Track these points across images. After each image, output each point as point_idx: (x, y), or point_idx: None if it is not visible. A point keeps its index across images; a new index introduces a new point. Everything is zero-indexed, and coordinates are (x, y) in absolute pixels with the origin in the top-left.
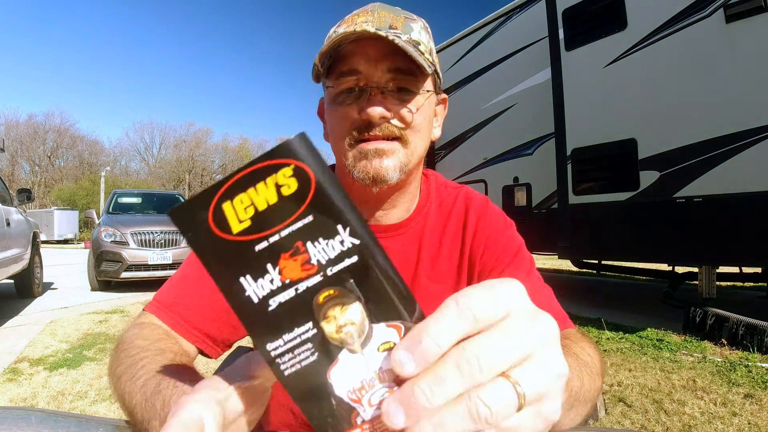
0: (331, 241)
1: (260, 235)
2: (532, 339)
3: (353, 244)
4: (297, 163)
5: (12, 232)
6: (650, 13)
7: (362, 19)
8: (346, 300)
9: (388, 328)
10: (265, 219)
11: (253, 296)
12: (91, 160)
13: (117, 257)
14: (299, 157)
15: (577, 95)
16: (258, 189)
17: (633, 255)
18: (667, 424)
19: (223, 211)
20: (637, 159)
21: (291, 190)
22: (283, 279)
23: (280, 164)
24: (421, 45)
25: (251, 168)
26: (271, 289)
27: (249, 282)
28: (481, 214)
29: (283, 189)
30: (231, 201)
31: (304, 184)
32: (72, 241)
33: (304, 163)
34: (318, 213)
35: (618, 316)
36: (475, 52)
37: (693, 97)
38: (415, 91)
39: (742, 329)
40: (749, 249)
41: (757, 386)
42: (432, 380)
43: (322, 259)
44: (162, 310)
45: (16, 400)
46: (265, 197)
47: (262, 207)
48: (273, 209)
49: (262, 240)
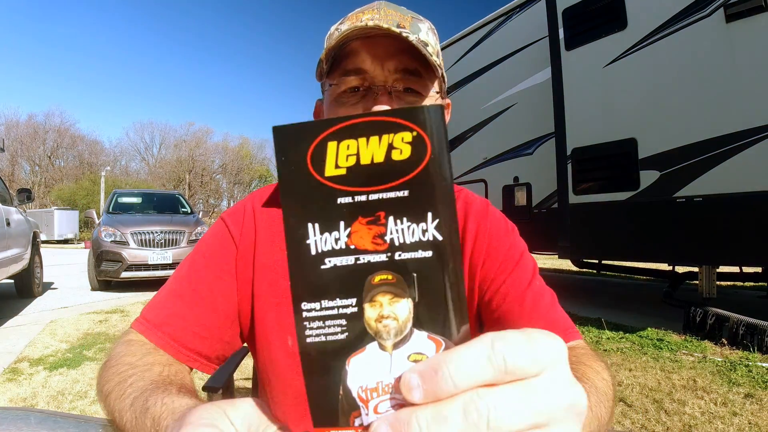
0: (414, 226)
1: (349, 188)
2: (556, 409)
3: (434, 237)
4: (421, 131)
5: (12, 232)
6: (650, 12)
7: (368, 16)
8: (400, 292)
9: (428, 340)
10: (362, 175)
11: (312, 247)
12: (91, 160)
13: (117, 257)
14: (426, 126)
15: (577, 95)
16: (370, 142)
17: (633, 255)
18: (667, 424)
19: (326, 148)
20: (637, 158)
21: (402, 156)
22: (349, 243)
23: (404, 125)
24: (429, 46)
25: (373, 118)
26: (333, 247)
27: (315, 231)
28: (481, 221)
29: (394, 153)
30: (338, 142)
31: (417, 155)
32: (72, 241)
33: (427, 134)
34: (416, 191)
35: (618, 316)
36: (475, 51)
37: (693, 97)
38: (424, 93)
39: (742, 329)
40: (749, 249)
41: (757, 386)
42: (433, 416)
43: (396, 240)
44: (150, 330)
45: (16, 399)
46: (372, 152)
47: (365, 161)
48: (374, 168)
49: (347, 194)
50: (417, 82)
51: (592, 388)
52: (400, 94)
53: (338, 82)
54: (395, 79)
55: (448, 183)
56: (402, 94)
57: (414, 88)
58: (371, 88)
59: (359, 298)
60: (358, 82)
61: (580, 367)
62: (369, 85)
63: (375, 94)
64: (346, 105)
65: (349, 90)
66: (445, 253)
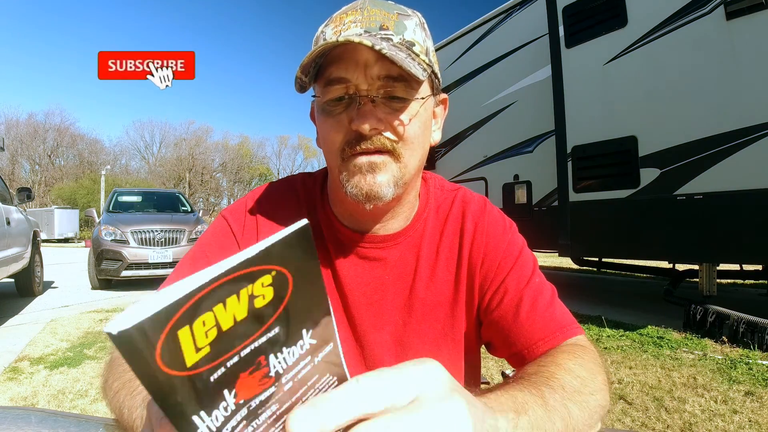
0: (293, 348)
1: (218, 362)
2: (430, 429)
3: (310, 345)
4: (279, 268)
5: (12, 231)
6: (651, 10)
7: (350, 18)
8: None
9: None
10: (228, 340)
11: (206, 431)
12: (92, 159)
13: (117, 256)
14: (284, 261)
15: (577, 93)
16: (228, 304)
17: (633, 253)
18: (667, 422)
19: (177, 340)
20: (637, 156)
21: (265, 301)
22: (237, 401)
23: (262, 270)
24: (415, 46)
25: (228, 277)
26: (225, 416)
27: (203, 418)
28: (478, 219)
29: (257, 301)
30: (190, 326)
31: (280, 292)
32: (72, 240)
33: (286, 268)
34: (286, 322)
35: (618, 314)
36: (475, 49)
37: (693, 95)
38: (409, 98)
39: (742, 327)
40: (750, 246)
41: (757, 384)
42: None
43: (281, 369)
44: None
45: (17, 398)
46: (233, 314)
47: (227, 326)
48: (239, 326)
49: (219, 367)
50: (402, 89)
51: (557, 388)
52: (385, 100)
53: (322, 92)
54: (378, 86)
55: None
56: (386, 101)
57: (399, 95)
58: (354, 97)
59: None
60: (342, 92)
61: (549, 368)
62: (352, 93)
63: (358, 104)
64: (332, 115)
65: (334, 99)
66: (319, 349)
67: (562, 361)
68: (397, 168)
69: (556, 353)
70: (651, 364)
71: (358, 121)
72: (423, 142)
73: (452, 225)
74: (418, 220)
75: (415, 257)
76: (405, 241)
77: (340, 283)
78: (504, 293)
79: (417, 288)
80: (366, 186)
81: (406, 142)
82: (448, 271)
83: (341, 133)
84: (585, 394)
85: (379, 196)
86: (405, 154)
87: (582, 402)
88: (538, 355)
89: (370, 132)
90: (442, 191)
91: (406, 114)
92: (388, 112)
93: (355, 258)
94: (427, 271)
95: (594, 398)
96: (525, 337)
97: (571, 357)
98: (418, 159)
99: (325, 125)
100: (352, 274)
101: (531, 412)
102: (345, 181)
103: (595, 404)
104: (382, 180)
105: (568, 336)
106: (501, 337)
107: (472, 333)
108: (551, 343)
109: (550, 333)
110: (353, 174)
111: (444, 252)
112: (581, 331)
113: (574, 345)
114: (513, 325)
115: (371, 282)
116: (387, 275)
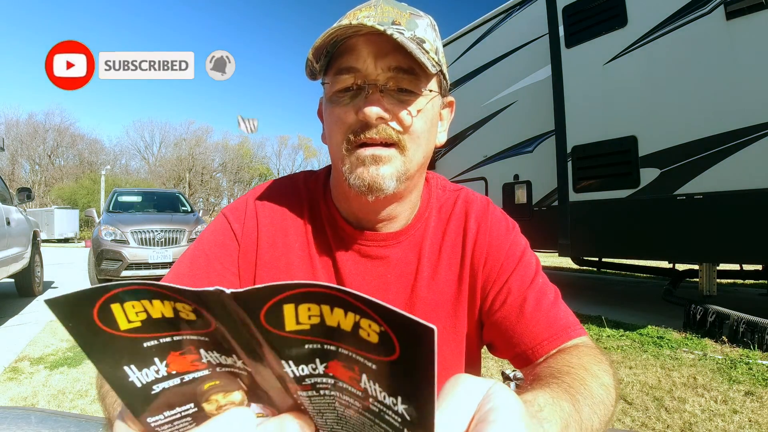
0: (226, 357)
1: (150, 336)
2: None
3: (247, 371)
4: (199, 309)
5: (12, 231)
6: (651, 9)
7: (364, 14)
8: (230, 388)
9: (264, 409)
10: (159, 325)
11: (136, 381)
12: (92, 159)
13: (117, 256)
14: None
15: (577, 92)
16: (154, 304)
17: (633, 252)
18: (667, 422)
19: (110, 310)
20: (637, 156)
21: (190, 317)
22: (169, 371)
23: (182, 300)
24: (426, 43)
25: (152, 288)
26: (156, 377)
27: (133, 370)
28: (481, 220)
29: (182, 314)
30: (121, 304)
31: (203, 321)
32: (72, 240)
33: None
34: (214, 339)
35: (618, 314)
36: (475, 49)
37: (694, 94)
38: (417, 91)
39: (742, 326)
40: (750, 246)
41: (757, 383)
42: None
43: (213, 361)
44: None
45: (17, 398)
46: (160, 311)
47: (156, 316)
48: (168, 320)
49: (151, 339)
50: (410, 81)
51: (588, 397)
52: (393, 92)
53: (332, 81)
54: (388, 77)
55: None
56: (395, 92)
57: (407, 86)
58: (363, 87)
59: (196, 401)
60: (351, 81)
61: (579, 372)
62: (361, 83)
63: (366, 93)
64: (340, 105)
65: (342, 90)
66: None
67: (589, 366)
68: (401, 161)
69: (581, 354)
70: (651, 364)
71: (364, 109)
72: (428, 138)
73: (455, 225)
74: (420, 220)
75: (416, 256)
76: (407, 240)
77: (341, 280)
78: (507, 294)
79: (419, 287)
80: (369, 177)
81: (411, 134)
82: (450, 271)
83: (347, 123)
84: (608, 406)
85: (381, 188)
86: (410, 147)
87: (603, 415)
88: (542, 356)
89: (376, 121)
90: (444, 191)
91: (413, 106)
92: (395, 103)
93: (357, 256)
94: (429, 271)
95: (612, 409)
96: (529, 337)
97: (596, 361)
98: (422, 154)
99: (332, 116)
100: (354, 271)
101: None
102: (348, 172)
103: (610, 414)
104: (385, 172)
105: (572, 337)
106: (504, 337)
107: (474, 333)
108: (555, 343)
109: (555, 333)
110: (356, 165)
111: (447, 252)
112: (585, 332)
113: (585, 346)
114: (516, 325)
115: (373, 280)
116: (389, 273)
